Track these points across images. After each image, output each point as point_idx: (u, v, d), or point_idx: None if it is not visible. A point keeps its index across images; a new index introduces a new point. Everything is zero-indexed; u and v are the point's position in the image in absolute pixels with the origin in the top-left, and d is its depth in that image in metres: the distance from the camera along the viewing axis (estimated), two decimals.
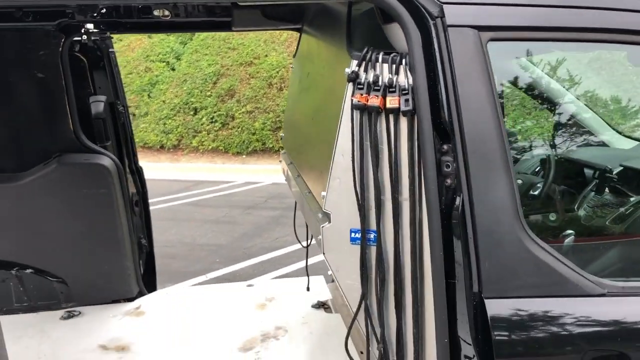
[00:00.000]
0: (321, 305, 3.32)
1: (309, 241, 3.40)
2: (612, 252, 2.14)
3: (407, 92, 1.69)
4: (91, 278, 3.36)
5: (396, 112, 1.70)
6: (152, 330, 3.11)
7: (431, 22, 1.64)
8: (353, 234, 1.83)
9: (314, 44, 2.75)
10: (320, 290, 3.51)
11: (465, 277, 1.61)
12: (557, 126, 3.11)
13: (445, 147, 1.64)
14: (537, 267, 1.61)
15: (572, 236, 2.22)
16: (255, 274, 6.28)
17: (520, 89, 3.16)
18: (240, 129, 13.31)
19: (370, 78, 1.72)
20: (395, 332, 1.82)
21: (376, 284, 1.80)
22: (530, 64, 2.77)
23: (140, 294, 3.56)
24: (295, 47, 3.24)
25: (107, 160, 3.24)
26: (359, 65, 1.74)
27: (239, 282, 4.03)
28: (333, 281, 3.76)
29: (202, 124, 13.67)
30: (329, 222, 1.85)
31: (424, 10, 1.64)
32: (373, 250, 1.80)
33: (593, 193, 2.48)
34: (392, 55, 1.72)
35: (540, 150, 2.99)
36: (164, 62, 15.35)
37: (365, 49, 1.74)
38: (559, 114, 3.12)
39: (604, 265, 2.06)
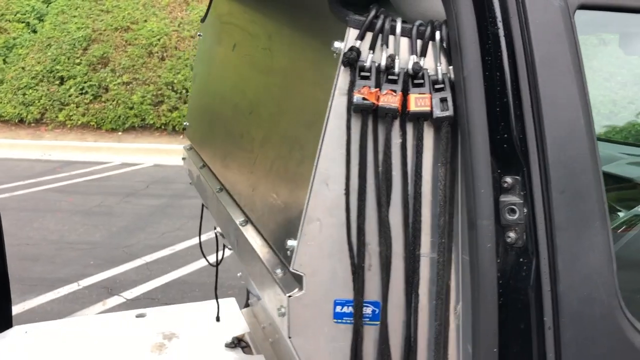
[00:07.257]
0: (237, 344, 2.61)
1: (218, 257, 2.70)
2: None
3: (442, 86, 1.03)
4: None
5: (423, 118, 1.04)
6: None
7: None
8: (339, 308, 1.16)
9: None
10: (233, 319, 2.79)
11: None
12: None
13: (508, 180, 1.00)
14: None
15: None
16: (139, 280, 5.33)
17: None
18: (115, 102, 11.90)
19: (383, 61, 1.04)
20: None
21: None
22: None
23: None
24: (206, 9, 2.44)
25: None
26: (361, 37, 1.05)
27: (124, 309, 3.20)
28: (248, 305, 3.06)
29: (70, 96, 12.03)
30: (301, 288, 1.16)
31: None
32: (373, 333, 1.15)
33: None
34: (417, 24, 1.05)
35: None
36: (23, 22, 13.37)
37: (373, 11, 1.05)
38: None
39: None
